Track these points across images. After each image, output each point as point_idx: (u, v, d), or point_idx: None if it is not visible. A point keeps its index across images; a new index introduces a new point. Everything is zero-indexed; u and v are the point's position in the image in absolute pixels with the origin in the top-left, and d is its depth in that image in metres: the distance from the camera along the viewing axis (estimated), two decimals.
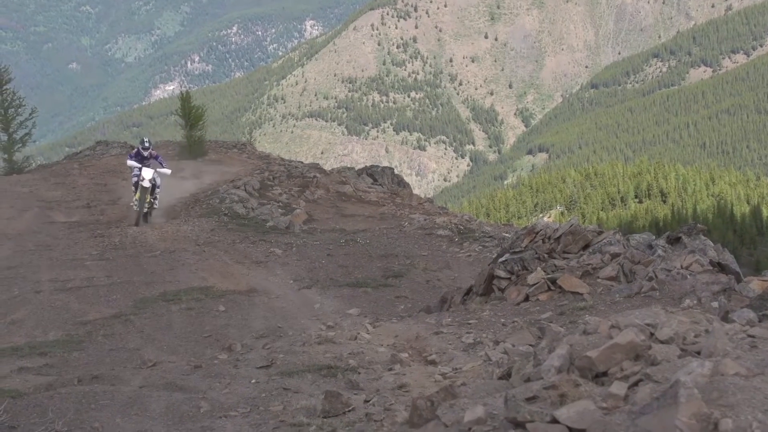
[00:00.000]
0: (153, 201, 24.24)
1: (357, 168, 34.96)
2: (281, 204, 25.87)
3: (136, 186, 23.85)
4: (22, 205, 26.08)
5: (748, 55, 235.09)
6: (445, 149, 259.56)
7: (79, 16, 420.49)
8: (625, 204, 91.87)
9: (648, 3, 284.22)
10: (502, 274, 12.79)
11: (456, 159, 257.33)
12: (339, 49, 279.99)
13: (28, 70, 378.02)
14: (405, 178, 35.02)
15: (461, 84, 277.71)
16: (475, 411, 4.99)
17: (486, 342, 10.09)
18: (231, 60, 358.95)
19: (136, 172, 23.90)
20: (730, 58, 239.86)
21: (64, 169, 33.59)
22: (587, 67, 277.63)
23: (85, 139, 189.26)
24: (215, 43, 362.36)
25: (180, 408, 8.19)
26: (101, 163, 34.33)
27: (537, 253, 12.94)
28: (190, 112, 34.62)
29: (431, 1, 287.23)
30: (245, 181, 27.86)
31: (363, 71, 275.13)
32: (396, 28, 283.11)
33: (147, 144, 24.09)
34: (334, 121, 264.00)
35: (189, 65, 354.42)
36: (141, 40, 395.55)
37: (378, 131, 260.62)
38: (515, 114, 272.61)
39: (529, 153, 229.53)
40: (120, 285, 15.83)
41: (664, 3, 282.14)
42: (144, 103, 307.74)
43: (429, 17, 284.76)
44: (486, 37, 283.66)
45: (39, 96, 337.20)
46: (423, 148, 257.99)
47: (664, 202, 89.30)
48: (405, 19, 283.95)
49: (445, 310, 13.36)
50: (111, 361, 10.94)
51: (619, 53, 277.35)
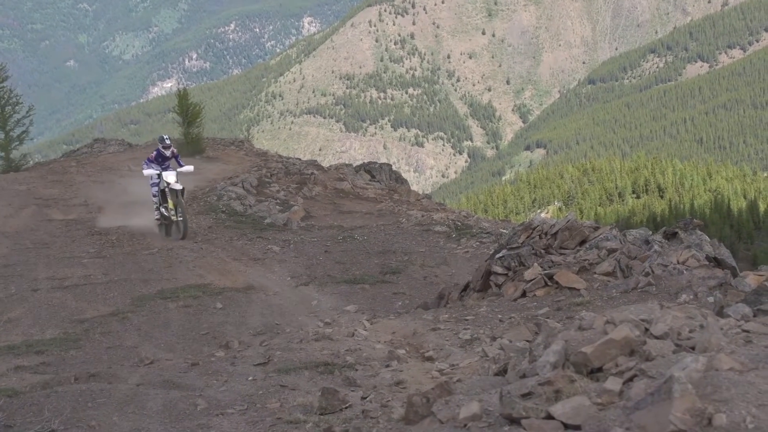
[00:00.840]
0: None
1: (355, 165, 34.92)
2: (279, 201, 25.85)
3: (159, 196, 21.56)
4: (19, 203, 26.00)
5: (744, 51, 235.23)
6: (443, 145, 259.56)
7: (77, 13, 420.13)
8: (623, 199, 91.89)
9: None
10: (499, 270, 12.79)
11: (454, 155, 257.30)
12: (336, 46, 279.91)
13: (25, 67, 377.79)
14: (403, 174, 35.02)
15: (459, 80, 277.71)
16: (471, 407, 4.99)
17: (483, 338, 10.08)
18: (229, 57, 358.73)
19: (155, 180, 21.81)
20: (726, 53, 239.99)
21: (61, 167, 33.56)
22: (584, 63, 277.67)
23: (83, 137, 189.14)
24: (213, 41, 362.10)
25: (177, 406, 8.17)
26: (99, 161, 34.31)
27: (534, 249, 12.94)
28: (187, 109, 34.60)
29: None
30: (243, 179, 27.85)
31: (361, 68, 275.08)
32: (393, 24, 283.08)
33: (167, 141, 22.09)
34: (332, 118, 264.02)
35: (187, 62, 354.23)
36: (138, 37, 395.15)
37: (376, 128, 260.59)
38: (513, 110, 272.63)
39: (527, 149, 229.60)
40: (117, 283, 15.79)
41: None
42: (142, 101, 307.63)
43: (426, 14, 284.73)
44: (483, 34, 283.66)
45: (36, 94, 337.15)
46: (421, 144, 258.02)
47: (661, 197, 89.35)
48: (403, 16, 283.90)
49: (443, 306, 13.36)
50: (108, 359, 10.93)
51: (616, 49, 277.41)
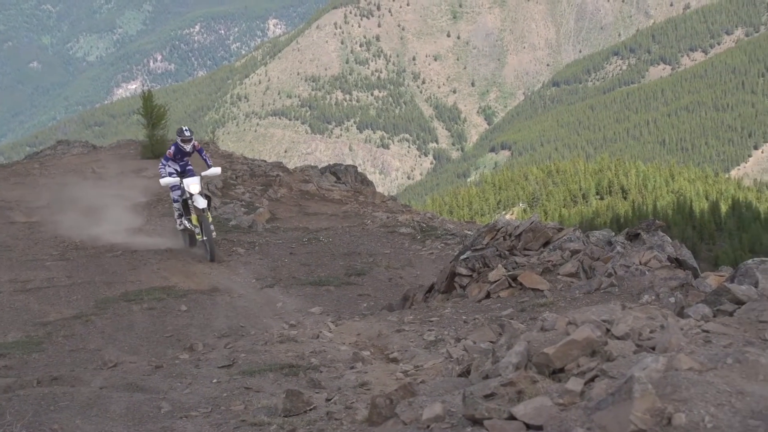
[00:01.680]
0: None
1: (320, 166, 34.89)
2: (244, 203, 25.78)
3: (182, 208, 18.53)
4: None
5: (706, 53, 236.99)
6: (409, 147, 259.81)
7: (40, 14, 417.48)
8: (587, 201, 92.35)
9: (608, 2, 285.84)
10: (463, 271, 12.83)
11: (419, 157, 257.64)
12: (302, 48, 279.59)
13: None
14: (368, 176, 34.98)
15: (424, 82, 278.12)
16: (434, 408, 5.01)
17: (447, 339, 10.11)
18: (194, 59, 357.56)
19: (176, 192, 18.58)
20: (688, 56, 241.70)
21: (24, 169, 33.30)
22: (549, 65, 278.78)
23: (47, 139, 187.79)
24: (178, 42, 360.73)
25: (140, 408, 8.14)
26: (62, 163, 34.08)
27: (498, 251, 12.99)
28: (152, 111, 34.40)
29: (394, 0, 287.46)
30: (207, 181, 27.78)
31: (326, 70, 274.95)
32: (359, 26, 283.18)
33: (188, 134, 18.68)
34: (297, 120, 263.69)
35: (151, 64, 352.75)
36: (103, 38, 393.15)
37: (341, 130, 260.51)
38: (478, 112, 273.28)
39: (492, 151, 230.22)
40: (81, 285, 15.70)
41: (623, 2, 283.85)
42: (106, 102, 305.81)
43: (392, 16, 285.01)
44: (448, 36, 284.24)
45: None
46: (386, 146, 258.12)
47: (624, 198, 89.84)
48: (368, 18, 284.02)
49: (407, 307, 13.38)
50: (71, 362, 10.87)
51: (580, 51, 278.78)
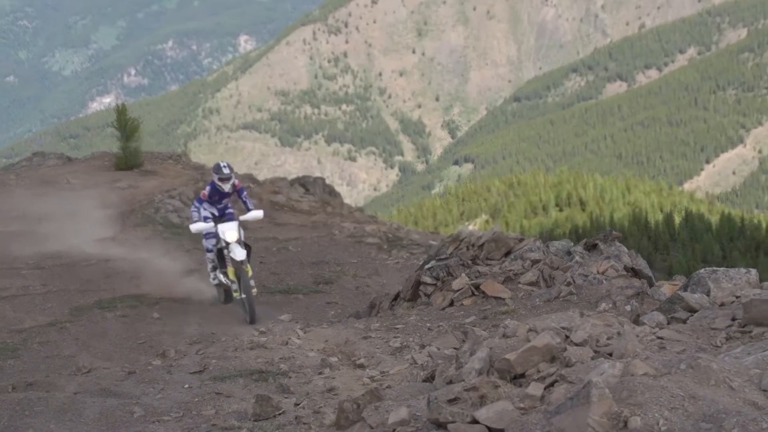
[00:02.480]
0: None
1: (290, 178, 34.80)
2: None
3: (217, 259, 15.12)
4: None
5: (660, 71, 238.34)
6: (375, 160, 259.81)
7: (16, 30, 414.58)
8: (547, 212, 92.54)
9: (567, 21, 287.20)
10: (428, 280, 12.85)
11: (385, 169, 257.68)
12: (272, 63, 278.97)
13: None
14: (336, 188, 34.96)
15: (390, 97, 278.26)
16: (399, 413, 5.02)
17: (412, 346, 10.13)
18: (166, 73, 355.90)
19: (210, 239, 15.19)
20: (643, 73, 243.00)
21: (0, 180, 33.07)
22: (510, 82, 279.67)
23: (22, 151, 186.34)
24: (151, 57, 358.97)
25: (114, 413, 8.12)
26: (38, 174, 33.83)
27: (461, 260, 13.01)
28: (125, 124, 34.18)
29: (361, 18, 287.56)
30: (180, 192, 27.63)
31: (295, 85, 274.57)
32: (327, 43, 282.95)
33: (227, 171, 14.98)
34: (267, 133, 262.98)
35: (125, 78, 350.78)
36: (78, 53, 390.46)
37: (310, 143, 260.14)
38: (442, 126, 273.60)
39: (456, 163, 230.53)
40: (56, 293, 15.59)
41: (582, 21, 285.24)
42: (81, 115, 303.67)
43: (359, 33, 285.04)
44: (414, 52, 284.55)
45: None
46: (353, 159, 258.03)
47: (583, 210, 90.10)
48: (336, 35, 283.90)
49: (374, 315, 13.39)
50: (46, 368, 10.78)
51: (540, 68, 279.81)
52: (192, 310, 14.49)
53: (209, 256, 15.55)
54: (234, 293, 14.72)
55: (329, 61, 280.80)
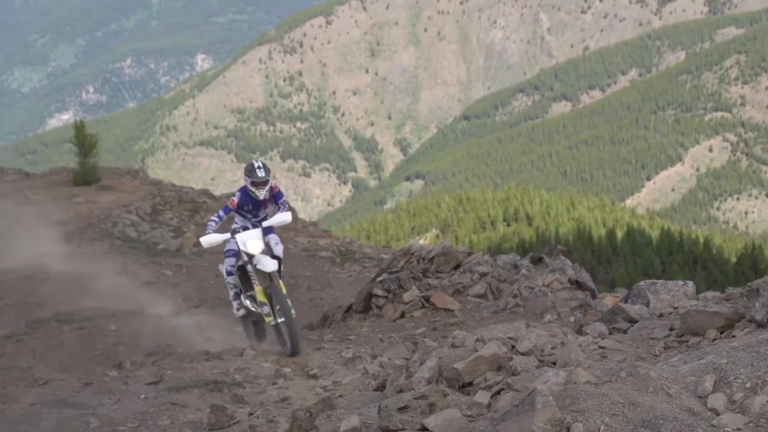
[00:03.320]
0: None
1: None
2: (172, 228, 25.53)
3: (240, 280, 12.03)
4: None
5: (603, 91, 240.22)
6: (329, 176, 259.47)
7: None
8: (495, 227, 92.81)
9: (514, 42, 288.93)
10: (379, 292, 12.86)
11: (339, 185, 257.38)
12: (228, 82, 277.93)
13: None
14: (291, 203, 34.86)
15: (344, 115, 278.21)
16: (351, 421, 5.02)
17: (364, 356, 10.13)
18: (125, 91, 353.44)
19: (229, 258, 12.06)
20: (587, 93, 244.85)
21: None
22: (459, 101, 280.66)
23: None
24: (109, 75, 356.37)
25: (70, 424, 8.04)
26: None
27: (412, 273, 13.04)
28: (84, 140, 33.88)
29: (316, 38, 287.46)
30: (137, 206, 27.43)
31: (251, 102, 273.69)
32: (282, 62, 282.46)
33: (262, 174, 11.72)
34: (223, 150, 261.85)
35: (84, 95, 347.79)
36: (36, 71, 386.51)
37: (266, 159, 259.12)
38: (394, 143, 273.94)
39: (407, 180, 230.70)
40: (13, 306, 15.38)
41: (528, 43, 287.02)
42: (39, 132, 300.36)
43: (314, 53, 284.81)
44: (367, 72, 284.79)
45: None
46: (308, 175, 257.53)
47: (529, 225, 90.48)
48: (291, 54, 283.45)
49: (327, 326, 13.39)
50: (2, 380, 10.59)
51: (489, 88, 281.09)
52: (148, 322, 14.36)
53: (229, 281, 12.26)
54: (266, 318, 11.36)
55: (284, 80, 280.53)
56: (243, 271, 11.94)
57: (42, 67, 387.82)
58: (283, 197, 12.50)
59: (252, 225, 12.15)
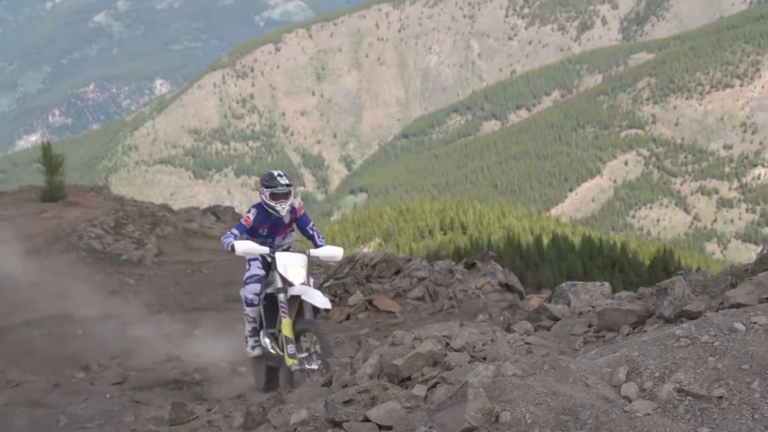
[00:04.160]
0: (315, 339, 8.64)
1: (202, 208, 34.50)
2: (134, 240, 25.28)
3: (264, 312, 9.43)
4: None
5: (529, 111, 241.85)
6: None
7: None
8: (432, 235, 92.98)
9: (448, 67, 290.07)
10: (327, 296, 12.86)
11: None
12: (185, 104, 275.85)
13: None
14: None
15: (292, 134, 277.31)
16: (300, 414, 5.03)
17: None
18: (89, 114, 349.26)
19: (252, 287, 9.55)
20: (515, 113, 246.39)
21: None
22: (399, 120, 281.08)
23: None
24: (74, 99, 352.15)
25: (41, 422, 7.98)
26: None
27: (356, 279, 13.07)
28: (50, 160, 33.44)
29: (266, 63, 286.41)
30: (101, 220, 27.11)
31: (207, 123, 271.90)
32: (235, 86, 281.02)
33: (285, 183, 9.27)
34: (181, 167, 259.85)
35: (50, 118, 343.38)
36: (5, 96, 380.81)
37: (221, 175, 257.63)
38: (339, 160, 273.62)
39: (352, 193, 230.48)
40: None
41: (461, 67, 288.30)
42: (9, 153, 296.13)
43: (264, 77, 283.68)
44: (313, 95, 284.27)
45: None
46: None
47: (464, 233, 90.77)
48: (243, 79, 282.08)
49: None
50: None
51: (425, 108, 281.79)
52: (113, 327, 14.22)
53: (249, 313, 9.55)
54: (289, 361, 8.54)
55: (237, 102, 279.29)
56: (272, 302, 9.19)
57: (11, 93, 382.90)
58: (311, 222, 9.80)
59: (270, 246, 9.41)
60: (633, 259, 64.29)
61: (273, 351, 9.00)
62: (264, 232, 9.37)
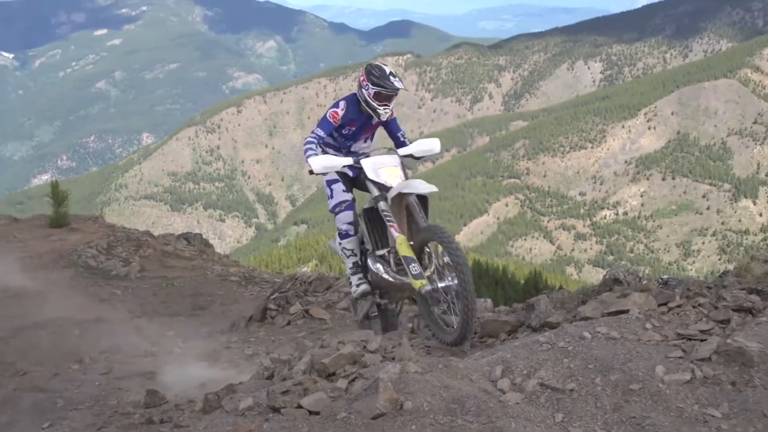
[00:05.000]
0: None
1: (176, 234, 33.96)
2: (122, 259, 24.69)
3: (369, 233, 6.12)
4: None
5: (434, 163, 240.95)
6: (238, 221, 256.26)
7: None
8: None
9: None
10: (272, 306, 12.76)
11: (246, 228, 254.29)
12: (166, 153, 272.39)
13: None
14: (210, 241, 34.15)
15: (249, 178, 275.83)
16: (247, 401, 4.96)
17: (260, 353, 10.04)
18: (89, 159, 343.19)
19: (345, 215, 6.54)
20: (423, 164, 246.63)
21: None
22: None
23: None
24: (78, 147, 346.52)
25: (43, 404, 7.81)
26: None
27: (296, 292, 13.00)
28: (58, 194, 32.66)
29: (230, 122, 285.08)
30: (96, 243, 26.44)
31: (182, 168, 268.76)
32: (205, 139, 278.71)
33: (398, 83, 6.19)
34: (161, 202, 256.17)
35: (59, 162, 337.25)
36: (24, 144, 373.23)
37: (192, 209, 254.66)
38: (286, 198, 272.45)
39: (295, 224, 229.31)
40: (2, 318, 14.78)
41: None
42: (26, 188, 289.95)
43: (228, 132, 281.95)
44: (266, 147, 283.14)
45: None
46: (223, 220, 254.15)
47: None
48: (212, 133, 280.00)
49: (234, 332, 13.17)
50: None
51: None
52: (103, 328, 13.91)
53: (345, 246, 6.73)
54: (416, 283, 5.72)
55: (207, 152, 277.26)
56: (371, 219, 6.15)
57: (29, 141, 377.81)
58: (403, 129, 7.05)
59: (351, 153, 6.69)
60: (511, 279, 64.74)
61: (389, 277, 6.04)
62: (349, 131, 6.57)
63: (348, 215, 6.43)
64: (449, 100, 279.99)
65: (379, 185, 5.98)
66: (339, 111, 6.40)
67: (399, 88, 6.24)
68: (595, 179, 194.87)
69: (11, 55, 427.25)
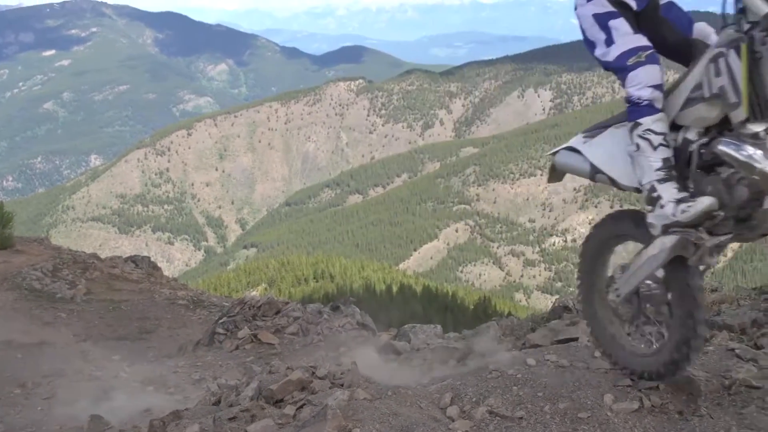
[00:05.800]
0: None
1: (124, 257, 33.38)
2: (67, 281, 24.16)
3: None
4: None
5: (384, 188, 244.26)
6: (187, 244, 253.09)
7: None
8: (307, 283, 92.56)
9: (323, 152, 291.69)
10: (221, 330, 12.61)
11: (195, 251, 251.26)
12: (114, 175, 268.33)
13: None
14: (158, 264, 33.64)
15: (199, 201, 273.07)
16: (193, 428, 4.87)
17: (208, 378, 9.89)
18: (36, 180, 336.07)
19: (639, 45, 3.19)
20: (374, 189, 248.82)
21: None
22: (283, 192, 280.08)
23: None
24: (25, 168, 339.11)
25: None
26: None
27: (245, 317, 12.85)
28: (2, 215, 32.00)
29: (180, 145, 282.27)
30: (41, 265, 25.86)
31: (131, 190, 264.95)
32: (155, 161, 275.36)
33: None
34: (109, 224, 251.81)
35: (4, 183, 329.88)
36: None
37: (141, 231, 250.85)
38: (236, 222, 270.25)
39: (245, 248, 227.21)
40: None
41: (333, 152, 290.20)
42: None
43: (178, 155, 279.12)
44: (216, 170, 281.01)
45: None
46: (172, 243, 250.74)
47: (332, 281, 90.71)
48: (161, 156, 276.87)
49: (181, 356, 12.95)
50: None
51: (305, 183, 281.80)
52: (47, 351, 13.55)
53: (651, 126, 3.41)
54: None
55: (156, 174, 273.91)
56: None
57: None
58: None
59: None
60: (461, 304, 65.20)
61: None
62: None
63: (653, 71, 3.45)
64: (400, 125, 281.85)
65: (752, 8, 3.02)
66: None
67: None
68: (545, 206, 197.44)
69: None
